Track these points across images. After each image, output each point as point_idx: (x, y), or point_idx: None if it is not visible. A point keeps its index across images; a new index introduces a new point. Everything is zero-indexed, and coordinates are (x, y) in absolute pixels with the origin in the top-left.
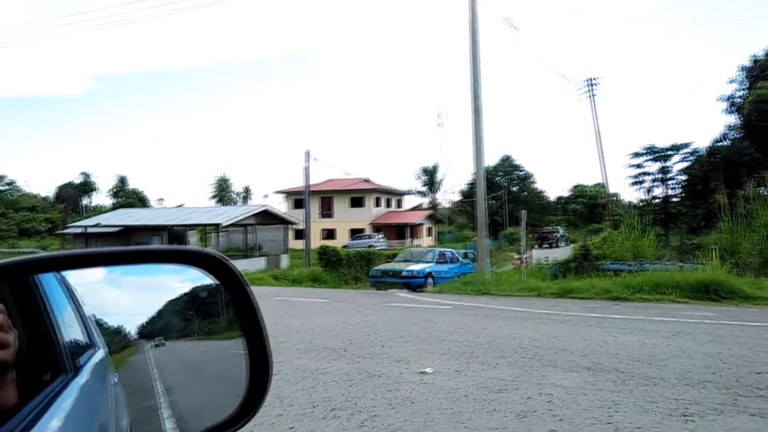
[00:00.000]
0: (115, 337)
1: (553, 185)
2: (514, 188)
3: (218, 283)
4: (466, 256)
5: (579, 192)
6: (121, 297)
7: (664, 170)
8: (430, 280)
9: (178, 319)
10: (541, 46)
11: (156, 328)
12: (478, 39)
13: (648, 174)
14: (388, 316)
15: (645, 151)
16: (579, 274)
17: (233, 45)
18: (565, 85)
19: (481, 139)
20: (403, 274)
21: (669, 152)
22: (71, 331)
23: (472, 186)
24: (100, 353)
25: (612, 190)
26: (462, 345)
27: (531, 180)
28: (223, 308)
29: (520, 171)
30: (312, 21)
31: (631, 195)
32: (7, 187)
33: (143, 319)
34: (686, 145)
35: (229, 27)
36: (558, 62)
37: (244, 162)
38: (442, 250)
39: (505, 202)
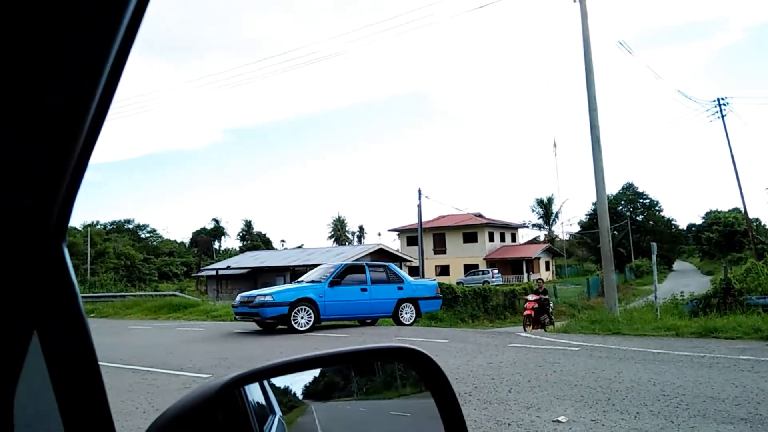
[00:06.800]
0: (284, 398)
1: (683, 213)
2: (638, 217)
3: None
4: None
5: (713, 219)
6: None
7: None
8: (304, 312)
9: (339, 378)
10: (660, 66)
11: (320, 388)
12: (592, 68)
13: None
14: (512, 358)
15: None
16: (721, 311)
17: (346, 91)
18: (690, 107)
19: (601, 169)
20: (255, 302)
21: None
22: (253, 393)
23: (591, 217)
24: (276, 418)
25: (752, 215)
26: (596, 391)
27: (657, 208)
28: (378, 367)
29: (645, 199)
30: (422, 60)
31: None
32: (149, 235)
33: (308, 378)
34: None
35: (340, 75)
36: (680, 84)
37: (358, 201)
38: (357, 263)
39: (629, 232)
